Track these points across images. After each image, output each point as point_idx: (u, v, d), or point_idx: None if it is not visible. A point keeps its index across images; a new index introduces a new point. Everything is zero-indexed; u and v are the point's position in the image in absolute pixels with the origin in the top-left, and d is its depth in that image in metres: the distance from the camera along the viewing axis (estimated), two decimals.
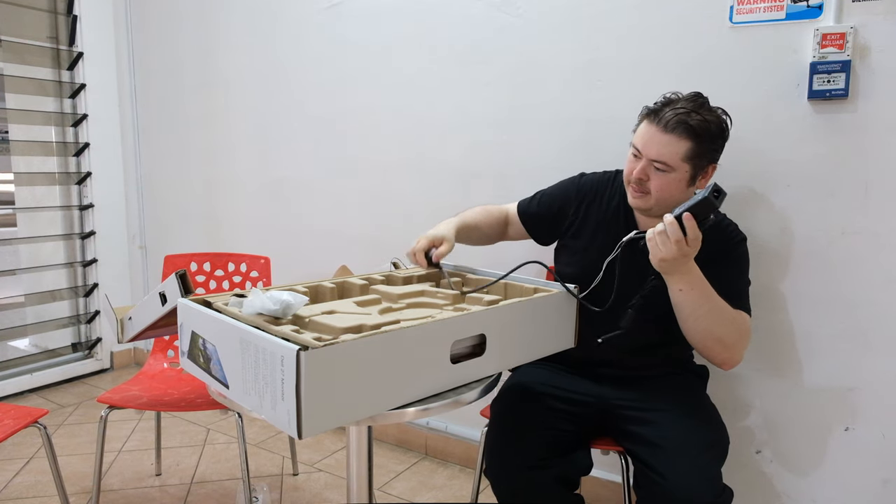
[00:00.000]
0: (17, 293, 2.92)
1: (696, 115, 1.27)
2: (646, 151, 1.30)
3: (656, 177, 1.30)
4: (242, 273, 2.11)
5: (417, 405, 1.05)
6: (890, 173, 1.47)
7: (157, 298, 1.36)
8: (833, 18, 1.47)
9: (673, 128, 1.26)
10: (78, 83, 2.95)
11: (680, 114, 1.26)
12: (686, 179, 1.31)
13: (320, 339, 0.96)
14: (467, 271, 1.50)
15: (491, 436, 1.41)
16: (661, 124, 1.27)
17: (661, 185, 1.31)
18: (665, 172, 1.29)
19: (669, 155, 1.28)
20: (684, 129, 1.26)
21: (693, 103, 1.30)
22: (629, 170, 1.35)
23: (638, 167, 1.31)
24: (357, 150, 2.33)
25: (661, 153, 1.28)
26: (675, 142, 1.27)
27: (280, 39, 2.49)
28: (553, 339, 1.31)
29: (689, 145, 1.27)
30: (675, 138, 1.27)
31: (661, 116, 1.28)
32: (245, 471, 1.71)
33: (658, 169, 1.29)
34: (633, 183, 1.34)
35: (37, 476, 2.11)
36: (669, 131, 1.27)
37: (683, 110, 1.27)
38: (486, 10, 1.98)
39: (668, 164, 1.28)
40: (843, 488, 1.60)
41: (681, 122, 1.26)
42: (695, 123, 1.26)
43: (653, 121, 1.30)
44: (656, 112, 1.30)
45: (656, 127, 1.28)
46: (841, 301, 1.55)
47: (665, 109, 1.29)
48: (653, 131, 1.29)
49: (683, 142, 1.27)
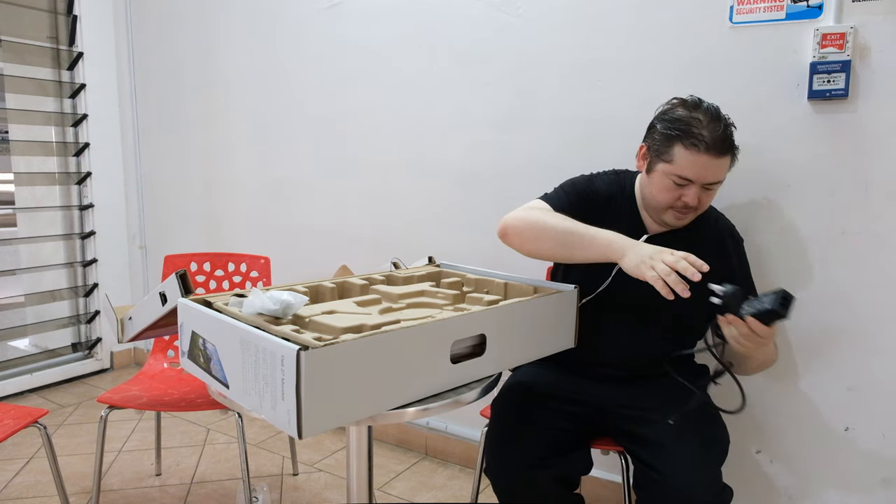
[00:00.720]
0: (17, 293, 2.92)
1: (725, 126, 1.29)
2: (701, 178, 1.29)
3: (706, 195, 1.33)
4: (242, 273, 2.11)
5: (417, 405, 1.05)
6: (890, 173, 1.47)
7: (157, 298, 1.36)
8: (833, 18, 1.47)
9: (726, 149, 1.28)
10: (78, 83, 2.95)
11: (716, 134, 1.26)
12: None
13: (320, 338, 0.96)
14: (467, 271, 1.49)
15: (491, 435, 1.41)
16: (713, 151, 1.26)
17: (709, 199, 1.35)
18: (715, 186, 1.32)
19: (723, 172, 1.31)
20: (728, 146, 1.29)
21: (709, 113, 1.30)
22: (673, 197, 1.31)
23: (691, 194, 1.29)
24: (357, 150, 2.33)
25: (719, 175, 1.30)
26: (726, 160, 1.30)
27: (280, 39, 2.49)
28: (553, 339, 1.31)
29: (730, 155, 1.31)
30: (726, 158, 1.30)
31: (705, 141, 1.26)
32: (245, 471, 1.71)
33: (709, 188, 1.31)
34: (681, 209, 1.33)
35: (37, 476, 2.11)
36: (721, 155, 1.28)
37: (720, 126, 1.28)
38: (486, 10, 1.98)
39: (721, 180, 1.32)
40: (843, 488, 1.60)
41: (727, 141, 1.28)
42: (731, 134, 1.30)
43: (699, 150, 1.26)
44: (695, 138, 1.26)
45: (707, 155, 1.26)
46: (841, 301, 1.55)
47: (700, 132, 1.26)
48: (704, 159, 1.26)
49: (727, 156, 1.30)
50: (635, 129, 1.76)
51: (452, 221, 2.13)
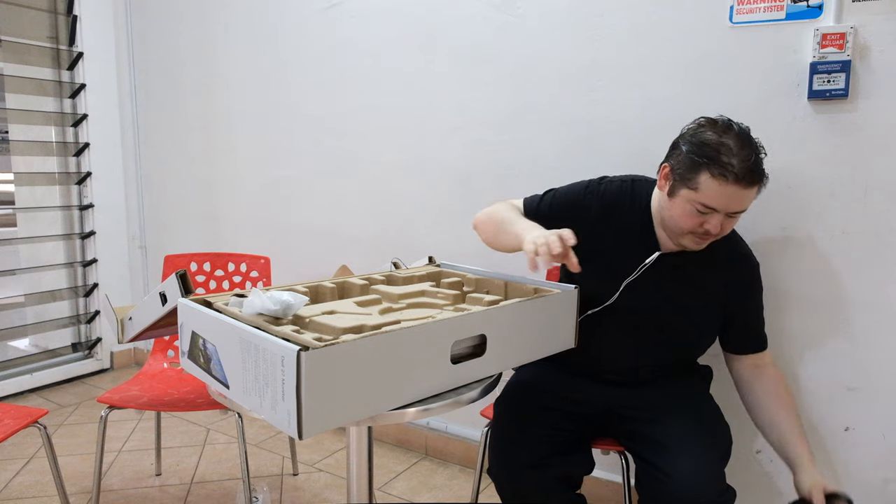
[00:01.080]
0: (17, 293, 2.92)
1: (755, 155, 1.23)
2: (728, 208, 1.24)
3: (729, 223, 1.29)
4: (242, 273, 2.11)
5: (418, 405, 1.05)
6: (890, 173, 1.47)
7: (157, 298, 1.36)
8: (833, 18, 1.47)
9: (754, 181, 1.23)
10: (78, 83, 2.95)
11: (747, 164, 1.21)
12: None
13: (321, 339, 0.96)
14: (467, 271, 1.49)
15: (494, 434, 1.41)
16: (743, 183, 1.21)
17: (731, 226, 1.30)
18: (739, 214, 1.28)
19: (750, 202, 1.27)
20: (758, 176, 1.24)
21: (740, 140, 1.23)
22: (695, 223, 1.27)
23: (714, 223, 1.25)
24: (357, 150, 2.33)
25: (745, 204, 1.25)
26: (754, 191, 1.25)
27: (280, 39, 2.49)
28: (553, 339, 1.31)
29: (759, 185, 1.26)
30: (754, 188, 1.25)
31: (734, 172, 1.20)
32: (245, 471, 1.71)
33: (732, 217, 1.27)
34: (702, 235, 1.29)
35: (37, 476, 2.11)
36: (749, 186, 1.22)
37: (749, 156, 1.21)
38: (486, 10, 1.98)
39: (745, 209, 1.27)
40: (844, 488, 1.60)
41: (755, 172, 1.22)
42: (760, 163, 1.24)
43: (728, 181, 1.21)
44: (723, 167, 1.21)
45: (735, 185, 1.21)
46: (841, 301, 1.55)
47: (730, 163, 1.21)
48: (731, 190, 1.21)
49: (755, 186, 1.25)
50: (635, 129, 1.77)
51: (453, 221, 2.13)
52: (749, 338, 1.44)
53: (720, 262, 1.38)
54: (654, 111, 1.73)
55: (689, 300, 1.38)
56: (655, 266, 1.36)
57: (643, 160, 1.71)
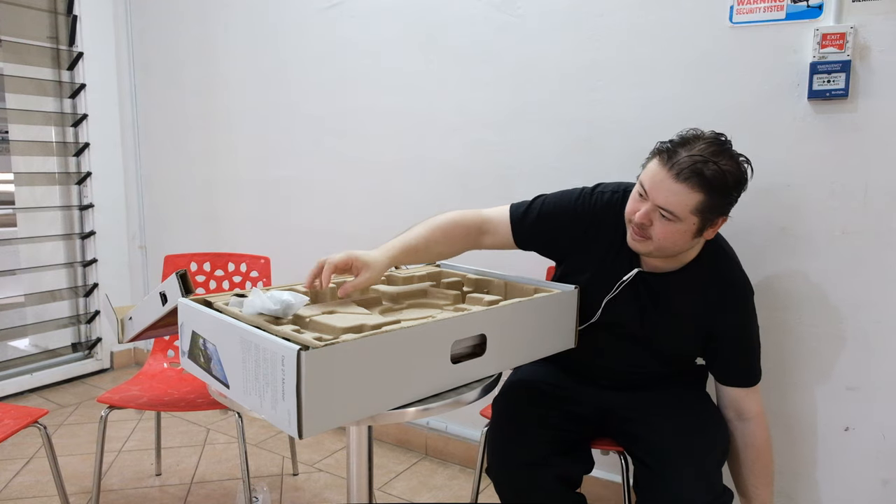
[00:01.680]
0: (17, 293, 2.92)
1: (713, 165, 1.14)
2: (653, 196, 1.18)
3: (660, 224, 1.19)
4: (242, 273, 2.11)
5: (418, 405, 1.05)
6: (890, 173, 1.47)
7: (157, 298, 1.36)
8: (833, 18, 1.47)
9: (686, 177, 1.14)
10: (78, 83, 2.95)
11: (696, 161, 1.14)
12: (692, 231, 1.20)
13: (321, 338, 0.96)
14: (467, 271, 1.49)
15: (493, 434, 1.41)
16: (674, 171, 1.15)
17: (665, 234, 1.20)
18: (671, 221, 1.18)
19: (678, 205, 1.16)
20: (698, 181, 1.14)
21: (712, 148, 1.16)
22: (632, 209, 1.23)
23: (642, 211, 1.20)
24: (357, 150, 2.33)
25: (669, 202, 1.16)
26: (686, 192, 1.15)
27: (280, 39, 2.49)
28: (553, 339, 1.31)
29: (700, 198, 1.15)
30: (687, 189, 1.15)
31: (674, 160, 1.15)
32: (245, 471, 1.71)
33: (663, 216, 1.18)
34: (634, 225, 1.23)
35: (37, 476, 2.11)
36: (682, 180, 1.14)
37: (700, 157, 1.14)
38: (486, 10, 1.98)
39: (675, 214, 1.17)
40: (843, 488, 1.60)
41: (695, 172, 1.13)
42: (710, 174, 1.14)
43: (665, 163, 1.17)
44: (670, 153, 1.17)
45: (668, 172, 1.15)
46: (841, 301, 1.55)
47: (680, 152, 1.16)
48: (663, 175, 1.16)
49: (695, 194, 1.15)
50: (635, 129, 1.77)
51: None
52: (731, 368, 1.36)
53: (703, 286, 1.32)
54: (654, 111, 1.73)
55: (664, 321, 1.35)
56: (634, 283, 1.34)
57: (643, 160, 1.70)
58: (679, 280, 1.32)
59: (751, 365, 1.36)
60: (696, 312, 1.33)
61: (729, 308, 1.32)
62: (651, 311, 1.35)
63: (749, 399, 1.36)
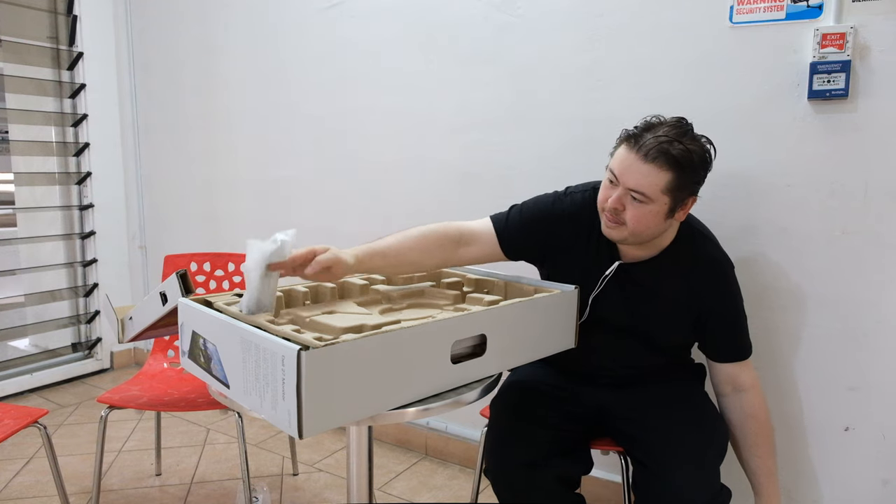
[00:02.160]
0: (17, 293, 2.92)
1: (679, 145, 1.18)
2: (623, 180, 1.21)
3: (633, 207, 1.22)
4: (242, 273, 2.11)
5: (418, 405, 1.05)
6: (890, 173, 1.47)
7: (157, 298, 1.36)
8: (833, 18, 1.47)
9: (654, 157, 1.18)
10: (78, 83, 2.95)
11: (662, 142, 1.18)
12: (664, 212, 1.23)
13: (321, 338, 0.96)
14: (468, 271, 1.49)
15: (491, 435, 1.41)
16: (642, 152, 1.19)
17: (638, 217, 1.22)
18: (643, 204, 1.21)
19: (648, 186, 1.19)
20: (665, 160, 1.18)
21: (676, 130, 1.21)
22: (604, 197, 1.27)
23: (614, 196, 1.23)
24: (357, 149, 2.33)
25: (640, 183, 1.20)
26: (655, 172, 1.19)
27: (280, 39, 2.49)
28: (553, 339, 1.31)
29: (669, 177, 1.19)
30: (656, 169, 1.19)
31: (641, 143, 1.20)
32: (245, 471, 1.71)
33: (635, 199, 1.21)
34: (607, 212, 1.26)
35: (37, 476, 2.11)
36: (650, 161, 1.18)
37: (665, 138, 1.19)
38: (486, 10, 1.98)
39: (646, 195, 1.20)
40: (843, 488, 1.60)
41: (662, 152, 1.18)
42: (677, 153, 1.18)
43: (632, 147, 1.21)
44: (636, 137, 1.21)
45: (636, 155, 1.20)
46: (841, 301, 1.55)
47: (646, 135, 1.20)
48: (632, 159, 1.20)
49: (664, 173, 1.19)
50: None
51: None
52: (723, 344, 1.39)
53: (684, 269, 1.34)
54: (653, 111, 1.71)
55: (651, 309, 1.36)
56: (618, 276, 1.35)
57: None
58: (660, 266, 1.34)
59: (741, 338, 1.39)
60: (682, 295, 1.35)
61: (713, 285, 1.34)
62: (637, 301, 1.36)
63: (744, 372, 1.39)
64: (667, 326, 1.38)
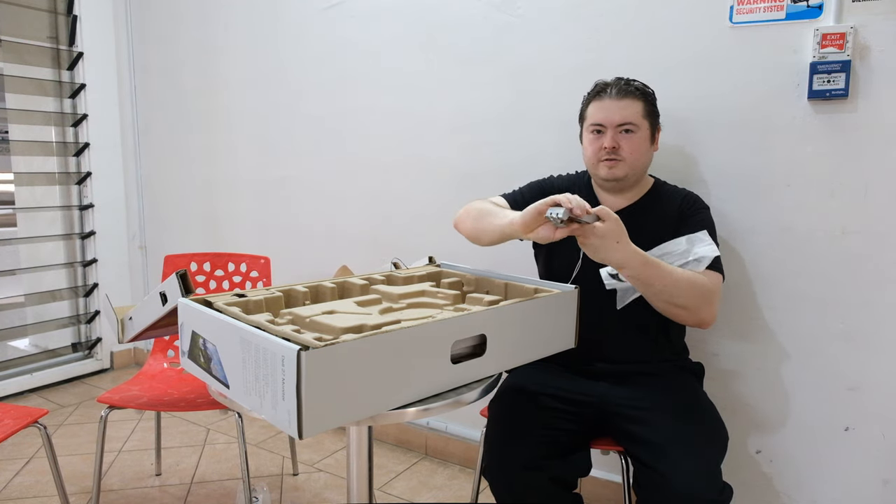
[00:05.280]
0: (17, 293, 2.92)
1: (634, 81, 1.46)
2: (611, 120, 1.43)
3: (626, 140, 1.43)
4: (242, 273, 2.11)
5: (417, 405, 1.05)
6: (890, 173, 1.47)
7: (157, 298, 1.36)
8: (833, 18, 1.47)
9: (625, 94, 1.43)
10: (78, 83, 2.95)
11: (622, 84, 1.44)
12: (648, 137, 1.46)
13: (321, 338, 0.96)
14: (467, 271, 1.49)
15: (489, 436, 1.41)
16: (614, 96, 1.44)
17: (633, 147, 1.43)
18: (633, 133, 1.43)
19: (633, 115, 1.43)
20: (633, 93, 1.44)
21: (620, 78, 1.48)
22: (597, 147, 1.46)
23: (608, 136, 1.43)
24: (357, 149, 2.33)
25: (626, 115, 1.42)
26: (632, 103, 1.43)
27: (280, 39, 2.49)
28: (553, 339, 1.31)
29: (642, 103, 1.44)
30: (630, 101, 1.43)
31: (608, 91, 1.45)
32: (245, 471, 1.71)
33: (627, 131, 1.43)
34: (607, 153, 1.43)
35: (37, 476, 2.11)
36: (624, 97, 1.43)
37: (622, 81, 1.46)
38: (485, 10, 1.98)
39: (633, 122, 1.42)
40: (843, 488, 1.60)
41: (628, 90, 1.44)
42: (638, 86, 1.46)
43: (603, 97, 1.45)
44: (600, 91, 1.46)
45: (610, 99, 1.44)
46: (841, 301, 1.55)
47: (606, 88, 1.46)
48: (609, 103, 1.44)
49: (637, 102, 1.44)
50: None
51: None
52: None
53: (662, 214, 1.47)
54: None
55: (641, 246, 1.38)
56: None
57: None
58: (643, 209, 1.48)
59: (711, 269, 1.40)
60: (664, 231, 1.44)
61: (690, 216, 1.47)
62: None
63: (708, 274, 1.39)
64: None
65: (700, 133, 1.67)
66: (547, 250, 1.55)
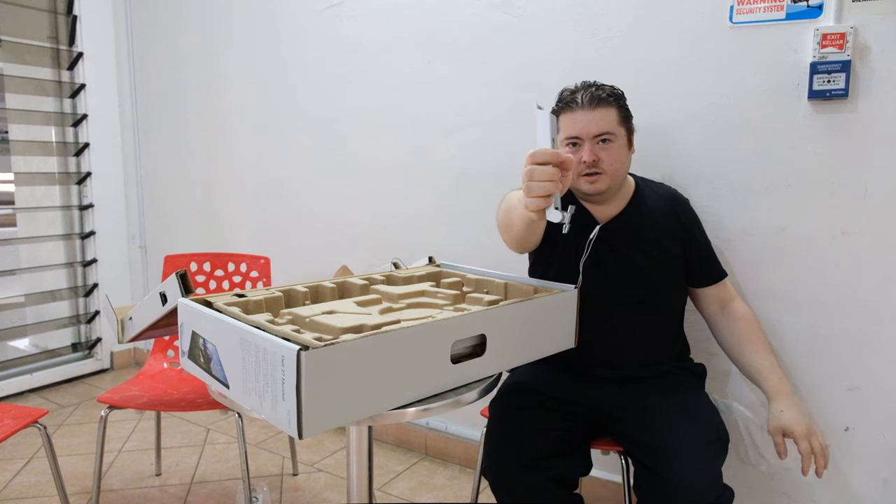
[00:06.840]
0: (17, 293, 2.92)
1: (603, 87, 1.39)
2: (588, 132, 1.36)
3: (605, 151, 1.37)
4: (242, 273, 2.11)
5: (417, 405, 1.05)
6: (890, 173, 1.47)
7: (157, 298, 1.36)
8: (833, 18, 1.47)
9: (597, 103, 1.36)
10: (78, 83, 2.95)
11: (592, 92, 1.37)
12: (626, 144, 1.41)
13: (321, 338, 0.96)
14: (467, 271, 1.49)
15: (490, 436, 1.41)
16: (586, 105, 1.36)
17: (613, 157, 1.37)
18: (611, 142, 1.37)
19: (609, 124, 1.36)
20: (605, 100, 1.37)
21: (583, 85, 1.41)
22: (576, 160, 1.38)
23: (586, 149, 1.37)
24: (357, 149, 2.33)
25: (602, 125, 1.36)
26: (605, 111, 1.37)
27: (280, 39, 2.49)
28: (553, 339, 1.31)
29: (615, 110, 1.38)
30: (604, 109, 1.36)
31: (579, 102, 1.37)
32: (245, 471, 1.71)
33: (604, 140, 1.37)
34: (587, 167, 1.37)
35: (37, 476, 2.11)
36: (596, 106, 1.36)
37: (592, 88, 1.38)
38: (485, 10, 1.98)
39: (610, 132, 1.36)
40: (843, 488, 1.60)
41: (599, 97, 1.36)
42: (608, 91, 1.38)
43: (574, 108, 1.37)
44: (570, 103, 1.38)
45: (582, 110, 1.36)
46: (841, 301, 1.55)
47: (575, 97, 1.38)
48: (582, 114, 1.36)
49: (611, 109, 1.37)
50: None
51: (453, 221, 2.13)
52: (706, 267, 1.51)
53: (654, 216, 1.46)
54: (653, 110, 1.73)
55: (642, 256, 1.43)
56: (602, 240, 1.42)
57: (642, 159, 1.71)
58: (636, 216, 1.45)
59: (715, 260, 1.53)
60: (661, 233, 1.45)
61: (683, 216, 1.49)
62: (627, 254, 1.43)
63: (726, 289, 1.53)
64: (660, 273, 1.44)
65: (700, 133, 1.67)
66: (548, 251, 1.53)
